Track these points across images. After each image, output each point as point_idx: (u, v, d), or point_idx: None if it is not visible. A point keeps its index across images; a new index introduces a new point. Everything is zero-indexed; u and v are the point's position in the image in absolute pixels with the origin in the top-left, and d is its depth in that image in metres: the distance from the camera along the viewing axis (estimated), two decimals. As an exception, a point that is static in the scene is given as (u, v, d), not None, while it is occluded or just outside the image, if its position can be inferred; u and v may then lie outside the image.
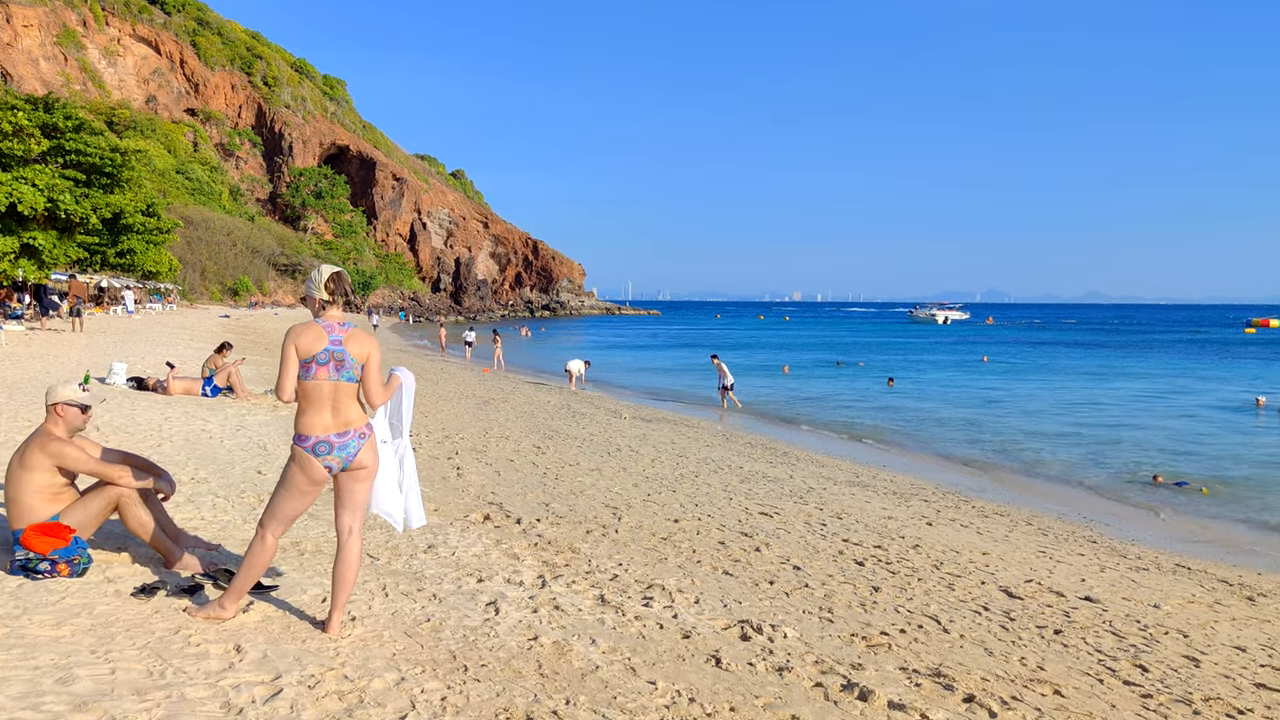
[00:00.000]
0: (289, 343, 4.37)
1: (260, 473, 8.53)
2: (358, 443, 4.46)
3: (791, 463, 15.58)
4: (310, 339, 4.37)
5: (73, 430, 5.20)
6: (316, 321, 4.46)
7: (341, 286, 4.54)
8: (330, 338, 4.42)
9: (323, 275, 4.52)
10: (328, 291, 4.50)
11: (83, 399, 5.19)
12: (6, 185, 26.41)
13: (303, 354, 4.36)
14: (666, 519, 9.11)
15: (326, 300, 4.51)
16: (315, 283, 4.52)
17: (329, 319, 4.48)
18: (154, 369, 18.27)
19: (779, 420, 24.19)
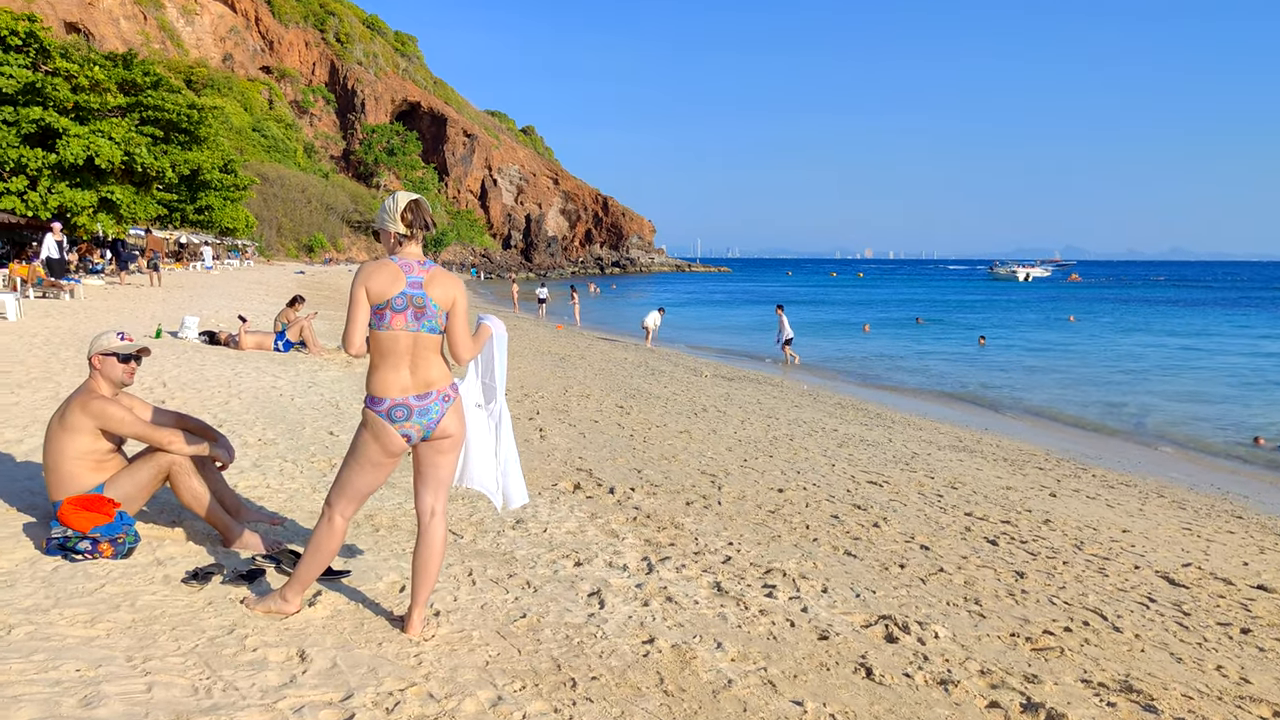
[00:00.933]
0: (359, 284, 3.61)
1: (332, 434, 7.91)
2: (441, 406, 3.70)
3: (887, 425, 14.62)
4: (385, 280, 3.61)
5: (116, 386, 4.54)
6: (392, 259, 3.69)
7: (421, 216, 3.76)
8: (408, 279, 3.65)
9: (398, 203, 3.73)
10: (404, 223, 3.73)
11: (120, 347, 4.52)
12: (84, 138, 26.33)
13: (375, 298, 3.60)
14: (769, 488, 8.29)
15: (403, 234, 3.73)
16: (390, 212, 3.74)
17: (407, 256, 3.71)
18: (227, 323, 17.93)
19: (866, 380, 23.14)
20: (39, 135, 26.58)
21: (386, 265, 3.65)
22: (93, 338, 4.61)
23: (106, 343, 4.54)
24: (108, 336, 4.56)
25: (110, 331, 4.62)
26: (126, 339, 4.60)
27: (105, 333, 4.61)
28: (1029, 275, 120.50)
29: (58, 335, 13.42)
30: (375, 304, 3.60)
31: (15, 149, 25.53)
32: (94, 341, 4.58)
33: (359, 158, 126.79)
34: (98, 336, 4.59)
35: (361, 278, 3.61)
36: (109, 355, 4.51)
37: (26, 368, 9.70)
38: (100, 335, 4.59)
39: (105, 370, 4.50)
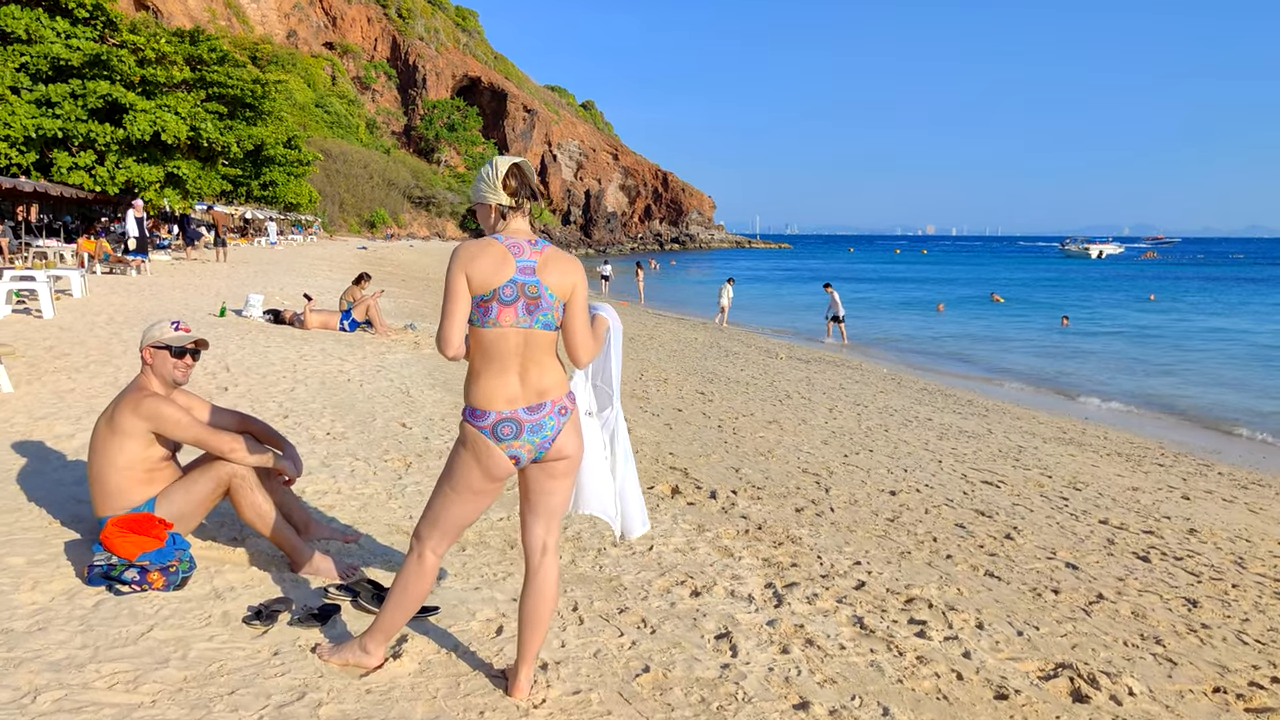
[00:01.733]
0: (457, 269, 2.91)
1: (405, 426, 7.29)
2: (557, 421, 3.00)
3: (981, 413, 13.71)
4: (489, 264, 2.91)
5: (169, 384, 3.93)
6: (496, 239, 2.99)
7: (527, 184, 3.05)
8: (518, 262, 2.94)
9: (499, 169, 3.02)
10: (508, 191, 3.02)
11: (173, 339, 3.91)
12: (151, 113, 26.20)
13: (479, 287, 2.90)
14: (880, 490, 7.51)
15: (508, 205, 3.03)
16: (489, 180, 3.03)
17: (514, 234, 3.01)
18: (292, 300, 17.54)
19: (946, 362, 22.12)
20: (106, 110, 26.51)
21: (491, 246, 2.95)
22: (146, 328, 4.00)
23: (158, 334, 3.92)
24: (160, 326, 3.95)
25: (164, 321, 4.00)
26: (182, 329, 3.97)
27: (158, 322, 3.99)
28: (1102, 252, 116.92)
29: (121, 314, 13.07)
30: (478, 294, 2.90)
31: (84, 123, 25.47)
32: (146, 332, 3.97)
33: (420, 133, 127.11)
34: (150, 326, 3.98)
35: (460, 262, 2.91)
36: (161, 348, 3.89)
37: (86, 350, 9.26)
38: (153, 325, 3.97)
39: (157, 365, 3.89)
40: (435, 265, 50.69)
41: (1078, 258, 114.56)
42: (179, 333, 3.94)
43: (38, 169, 26.15)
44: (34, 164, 25.76)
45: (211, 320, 12.97)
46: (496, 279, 2.90)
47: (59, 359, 8.56)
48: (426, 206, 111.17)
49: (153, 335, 3.92)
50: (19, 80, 25.34)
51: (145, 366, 3.92)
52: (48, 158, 26.10)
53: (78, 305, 13.82)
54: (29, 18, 26.60)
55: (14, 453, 5.23)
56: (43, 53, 26.13)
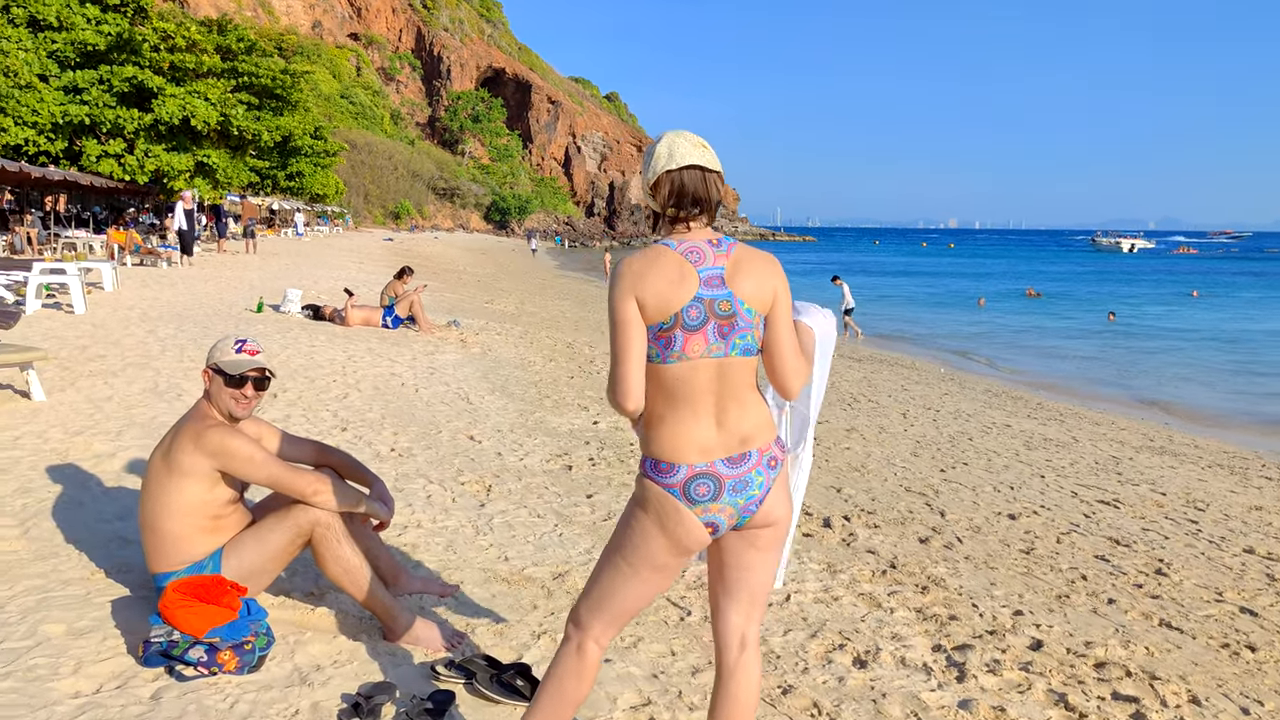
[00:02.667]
0: (623, 293, 2.19)
1: (473, 439, 6.59)
2: (766, 476, 2.27)
3: (1057, 418, 12.92)
4: (666, 281, 2.18)
5: (226, 415, 3.23)
6: (666, 244, 2.26)
7: (671, 177, 2.32)
8: (702, 272, 2.22)
9: (674, 151, 2.29)
10: (658, 185, 2.30)
11: (230, 362, 3.22)
12: (180, 98, 25.63)
13: (656, 311, 2.17)
14: (995, 512, 6.76)
15: (659, 204, 2.32)
16: (654, 168, 2.30)
17: (691, 236, 2.29)
18: (328, 294, 16.92)
19: (997, 360, 21.26)
20: (134, 95, 25.98)
21: (663, 256, 2.22)
22: (209, 350, 3.31)
23: (218, 354, 3.22)
24: (223, 345, 3.25)
25: (228, 337, 3.30)
26: (246, 350, 3.26)
27: (223, 339, 3.29)
28: (1134, 246, 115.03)
29: (155, 309, 12.46)
30: (655, 323, 2.17)
31: (111, 109, 24.95)
32: (211, 349, 3.28)
33: (444, 124, 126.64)
34: (217, 343, 3.28)
35: (626, 282, 2.19)
36: (219, 373, 3.20)
37: (122, 350, 8.62)
38: (219, 341, 3.28)
39: (214, 393, 3.21)
40: (463, 257, 50.14)
41: (1109, 252, 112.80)
42: (241, 355, 3.23)
43: (66, 157, 25.67)
44: (63, 152, 25.26)
45: (249, 316, 12.34)
46: (678, 298, 2.17)
47: (93, 361, 7.92)
48: (451, 198, 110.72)
49: (212, 355, 3.23)
50: (48, 67, 24.85)
51: (206, 391, 3.24)
52: (76, 145, 25.59)
53: (109, 299, 13.23)
54: (60, 4, 26.13)
55: (49, 478, 4.57)
56: (71, 39, 25.62)
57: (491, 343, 12.59)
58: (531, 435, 6.96)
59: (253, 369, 3.24)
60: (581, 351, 13.34)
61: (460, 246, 67.97)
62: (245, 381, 3.21)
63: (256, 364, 3.26)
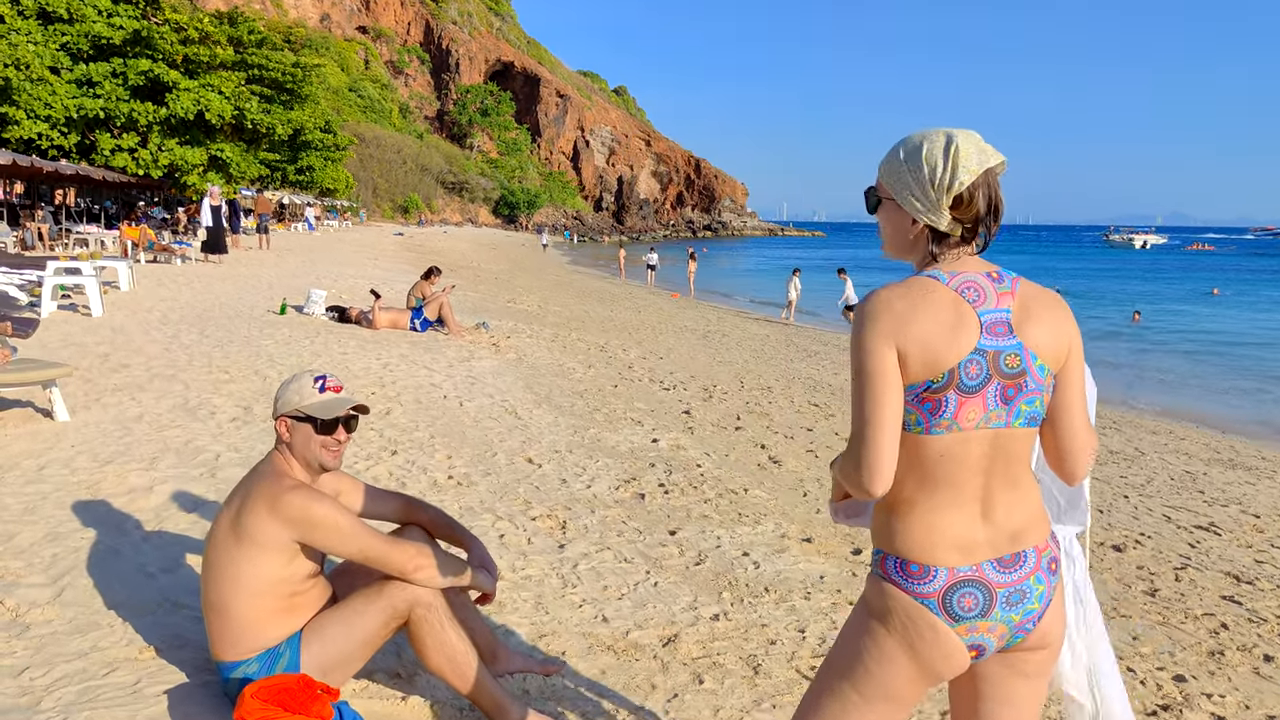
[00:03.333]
0: (879, 339, 1.65)
1: (532, 462, 6.06)
2: (1046, 584, 1.75)
3: (1113, 426, 12.41)
4: (939, 325, 1.65)
5: (315, 468, 2.71)
6: (933, 277, 1.72)
7: (990, 186, 1.77)
8: (983, 315, 1.69)
9: (956, 158, 1.70)
10: (967, 194, 1.75)
11: (319, 404, 2.69)
12: (194, 92, 25.12)
13: (922, 367, 1.64)
14: (1095, 542, 6.24)
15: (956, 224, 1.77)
16: (924, 179, 1.74)
17: (965, 267, 1.76)
18: (349, 293, 16.40)
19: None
20: (148, 89, 25.47)
21: (933, 293, 1.69)
22: (282, 384, 2.77)
23: (298, 397, 2.68)
24: (299, 384, 2.71)
25: (304, 375, 2.75)
26: (330, 387, 2.73)
27: (297, 377, 2.75)
28: (1146, 243, 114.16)
29: (175, 311, 11.95)
30: (921, 381, 1.64)
31: (125, 103, 24.44)
32: (281, 392, 2.74)
33: (453, 118, 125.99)
34: (287, 384, 2.74)
35: (884, 325, 1.65)
36: (302, 419, 2.66)
37: (146, 359, 8.10)
38: (290, 381, 2.74)
39: (297, 444, 2.67)
40: (475, 253, 49.63)
41: (1121, 248, 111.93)
42: (327, 394, 2.70)
43: (79, 151, 25.17)
44: (76, 145, 24.76)
45: (273, 319, 11.82)
46: (952, 351, 1.64)
47: (117, 372, 7.40)
48: (459, 192, 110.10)
49: (289, 399, 2.69)
50: (59, 60, 24.34)
51: (281, 444, 2.70)
52: (89, 139, 25.09)
53: (127, 300, 12.72)
54: (69, -5, 25.62)
55: (79, 519, 4.05)
56: (84, 31, 25.12)
57: (524, 347, 12.07)
58: (591, 456, 6.44)
59: (349, 408, 2.71)
60: (617, 356, 12.81)
61: (471, 241, 67.43)
62: (338, 425, 2.69)
63: (350, 401, 2.73)
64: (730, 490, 5.99)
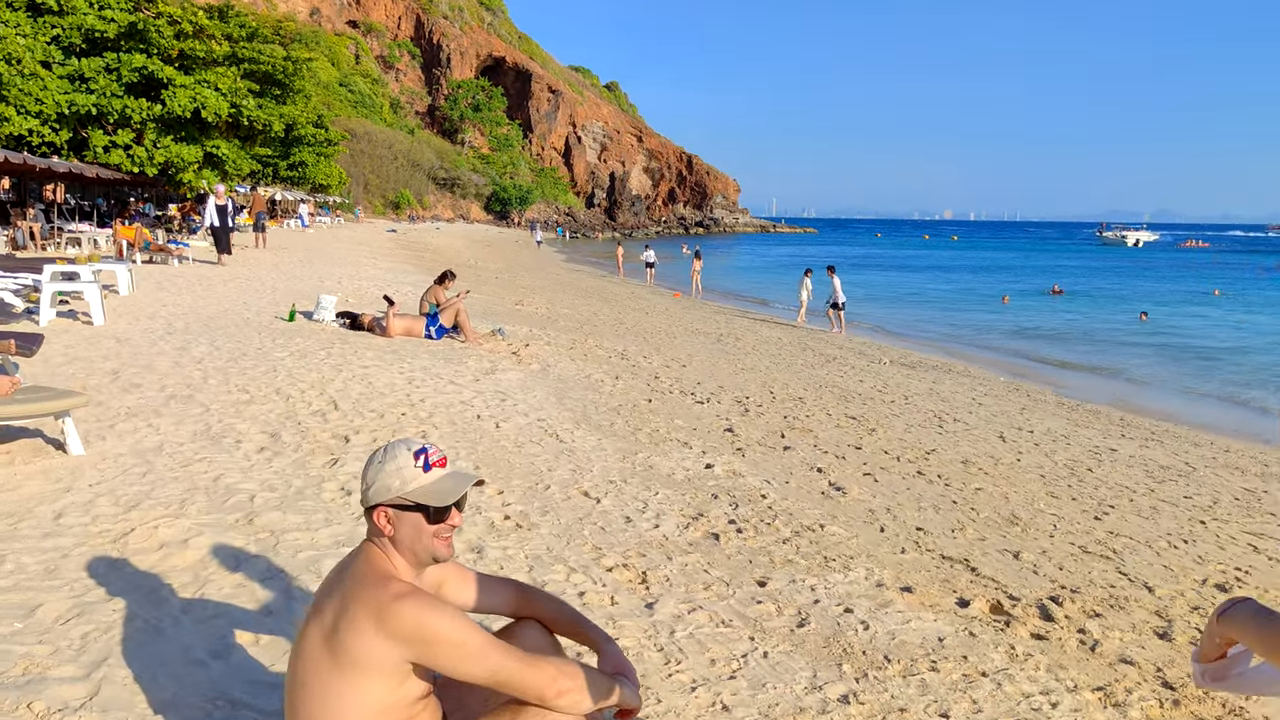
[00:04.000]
0: None
1: (589, 496, 5.55)
2: None
3: (1155, 438, 11.94)
4: None
5: (424, 560, 2.20)
6: None
7: None
8: None
9: None
10: None
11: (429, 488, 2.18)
12: (190, 89, 24.45)
13: None
14: (1196, 580, 5.76)
15: None
16: None
17: None
18: (355, 296, 15.87)
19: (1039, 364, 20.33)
20: (143, 85, 24.79)
21: None
22: (371, 459, 2.24)
23: (399, 481, 2.16)
24: (398, 461, 2.18)
25: (399, 449, 2.21)
26: (435, 461, 2.21)
27: (391, 453, 2.20)
28: (1139, 240, 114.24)
29: (180, 318, 11.39)
30: None
31: (119, 99, 23.75)
32: (374, 473, 2.20)
33: (444, 113, 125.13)
34: (380, 464, 2.21)
35: None
36: (409, 509, 2.15)
37: (159, 376, 7.55)
38: (383, 460, 2.20)
39: (403, 536, 2.15)
40: (471, 250, 49.06)
41: (1114, 245, 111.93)
42: (435, 474, 2.18)
43: (71, 148, 24.47)
44: (68, 142, 24.06)
45: (283, 327, 11.28)
46: None
47: (129, 393, 6.86)
48: (451, 188, 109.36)
49: (387, 484, 2.16)
50: (50, 54, 23.64)
51: (381, 537, 2.18)
52: (82, 135, 24.40)
53: (127, 306, 12.16)
54: (59, -13, 24.90)
55: (108, 587, 3.52)
56: (75, 24, 24.42)
57: (545, 355, 11.57)
58: (648, 487, 5.94)
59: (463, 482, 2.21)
60: (640, 365, 12.32)
61: (464, 238, 66.79)
62: (450, 508, 2.18)
63: (468, 479, 2.22)
64: (805, 527, 5.51)
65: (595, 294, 27.47)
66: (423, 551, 2.16)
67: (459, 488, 2.17)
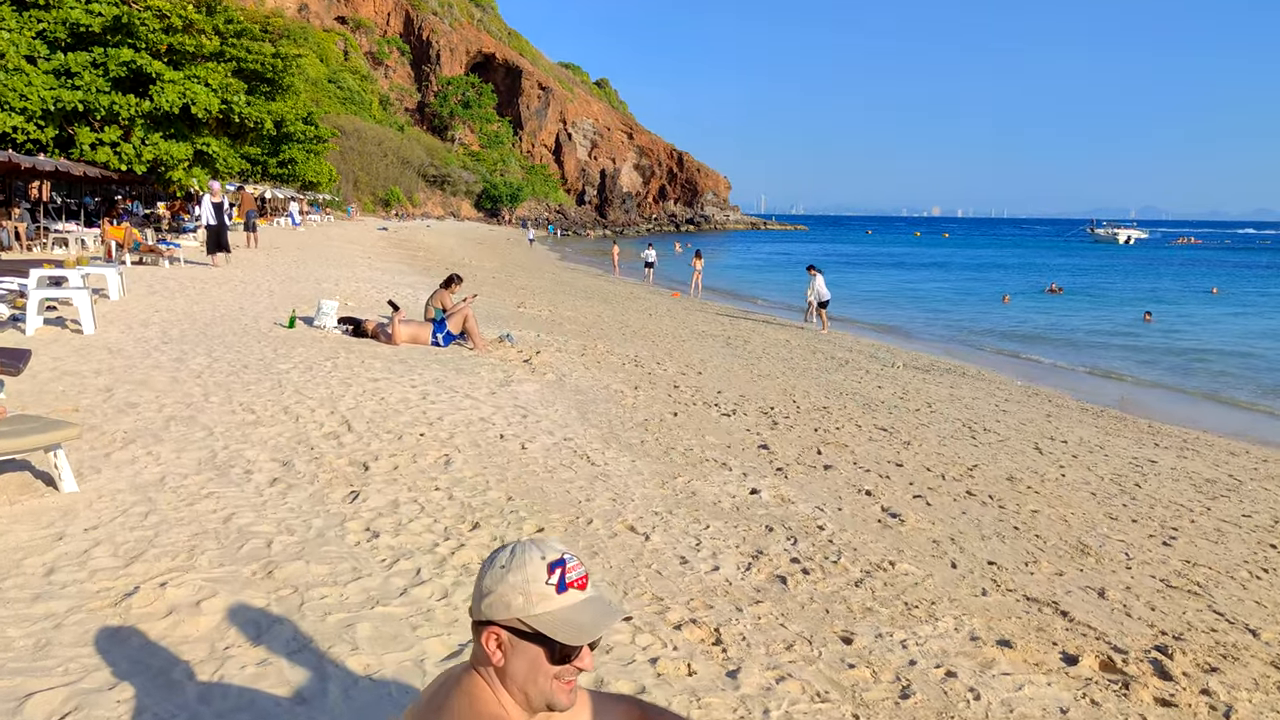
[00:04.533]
0: None
1: (636, 532, 5.04)
2: None
3: (1191, 448, 11.50)
4: None
5: (542, 704, 1.67)
6: None
7: None
8: None
9: None
10: None
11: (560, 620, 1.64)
12: (179, 85, 23.78)
13: None
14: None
15: None
16: None
17: None
18: (354, 299, 15.30)
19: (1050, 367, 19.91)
20: (130, 80, 24.11)
21: None
22: (493, 560, 1.71)
23: (522, 598, 1.63)
24: (527, 570, 1.64)
25: (531, 554, 1.66)
26: (574, 581, 1.66)
27: (521, 557, 1.65)
28: (1130, 238, 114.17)
29: (174, 325, 10.82)
30: None
31: (106, 95, 23.06)
32: (493, 580, 1.68)
33: (434, 110, 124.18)
34: (503, 566, 1.67)
35: None
36: (532, 638, 1.63)
37: (155, 393, 7.00)
38: (508, 561, 1.67)
39: (515, 670, 1.64)
40: (463, 249, 48.41)
41: (1105, 243, 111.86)
42: (570, 595, 1.65)
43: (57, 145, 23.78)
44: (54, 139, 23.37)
45: (283, 334, 10.72)
46: None
47: (125, 414, 6.30)
48: (441, 185, 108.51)
49: (508, 598, 1.62)
50: (36, 49, 22.94)
51: (488, 666, 1.66)
52: (68, 132, 23.71)
53: (118, 312, 11.58)
54: (45, -20, 24.19)
55: (111, 666, 2.99)
56: (61, 18, 23.71)
57: (558, 363, 11.04)
58: (696, 519, 5.43)
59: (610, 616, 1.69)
60: (656, 372, 11.81)
61: (456, 236, 66.08)
62: (581, 647, 1.66)
63: (613, 615, 1.69)
64: (874, 565, 5.01)
65: (595, 294, 26.94)
66: (536, 695, 1.64)
67: (599, 625, 1.65)
